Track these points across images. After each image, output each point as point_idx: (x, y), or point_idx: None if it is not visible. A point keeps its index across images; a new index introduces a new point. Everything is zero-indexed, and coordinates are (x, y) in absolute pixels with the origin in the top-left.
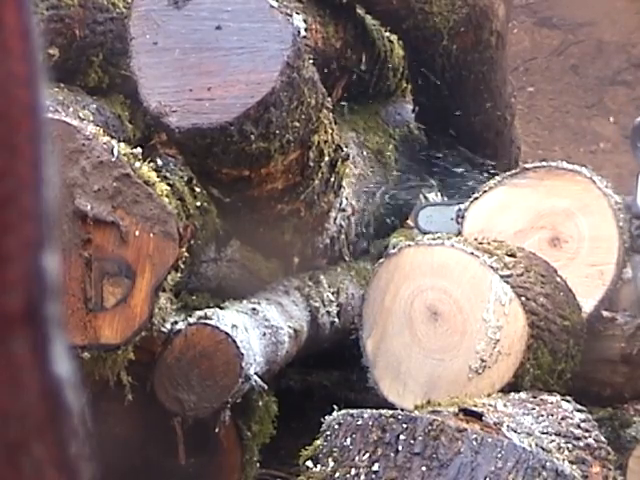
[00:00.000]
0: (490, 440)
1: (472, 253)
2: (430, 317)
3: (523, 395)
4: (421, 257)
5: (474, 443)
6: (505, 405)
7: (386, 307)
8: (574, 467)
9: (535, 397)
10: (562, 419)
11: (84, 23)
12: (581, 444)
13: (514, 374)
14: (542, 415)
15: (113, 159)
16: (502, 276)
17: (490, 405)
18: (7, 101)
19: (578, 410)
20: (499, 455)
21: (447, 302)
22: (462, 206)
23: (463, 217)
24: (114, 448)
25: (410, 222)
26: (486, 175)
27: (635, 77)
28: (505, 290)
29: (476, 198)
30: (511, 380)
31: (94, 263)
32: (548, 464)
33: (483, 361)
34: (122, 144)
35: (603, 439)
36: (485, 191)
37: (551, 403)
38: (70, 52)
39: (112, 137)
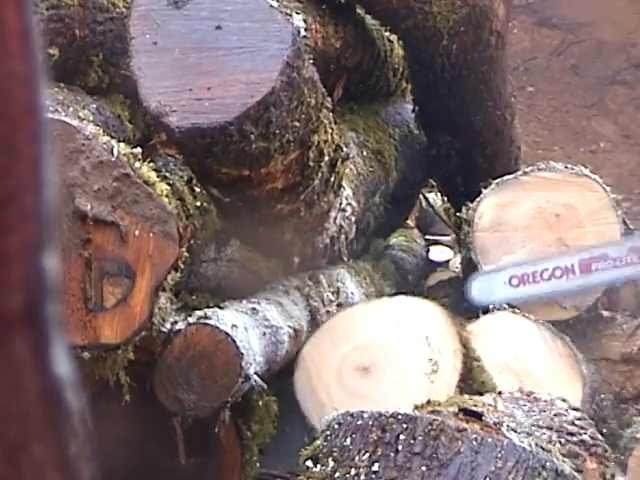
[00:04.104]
0: (490, 440)
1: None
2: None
3: (517, 394)
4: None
5: (474, 443)
6: (495, 401)
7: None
8: (566, 460)
9: (528, 395)
10: (555, 415)
11: (84, 23)
12: (575, 439)
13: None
14: (534, 410)
15: (113, 159)
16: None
17: (490, 405)
18: (7, 101)
19: (573, 409)
20: (499, 455)
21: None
22: (514, 272)
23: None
24: (114, 448)
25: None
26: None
27: (635, 77)
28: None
29: (485, 196)
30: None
31: (94, 263)
32: (548, 464)
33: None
34: (122, 144)
35: (599, 436)
36: (492, 189)
37: (544, 401)
38: (70, 52)
39: (112, 137)
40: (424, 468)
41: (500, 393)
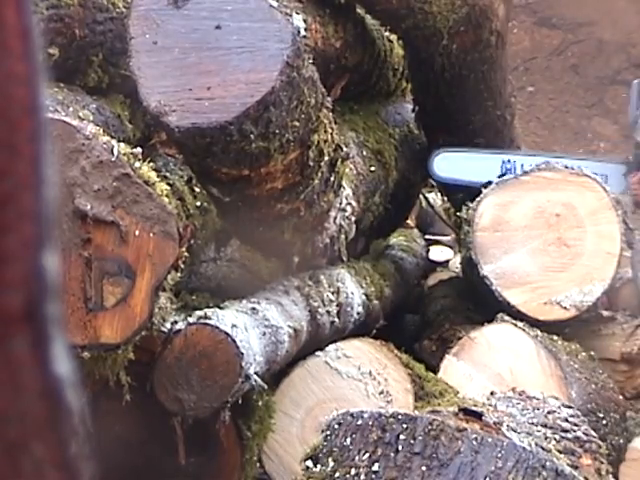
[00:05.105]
0: (490, 440)
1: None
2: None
3: (509, 393)
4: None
5: (474, 443)
6: (488, 399)
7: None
8: (562, 456)
9: (520, 394)
10: (549, 413)
11: (84, 23)
12: (569, 436)
13: None
14: (527, 409)
15: (113, 159)
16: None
17: (490, 405)
18: (7, 101)
19: (565, 406)
20: (499, 455)
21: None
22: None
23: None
24: (114, 448)
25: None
26: None
27: (635, 77)
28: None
29: (485, 196)
30: None
31: (94, 263)
32: (548, 464)
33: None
34: (122, 144)
35: (593, 433)
36: (492, 189)
37: (537, 399)
38: (70, 52)
39: (112, 137)
40: (424, 468)
41: (492, 393)
